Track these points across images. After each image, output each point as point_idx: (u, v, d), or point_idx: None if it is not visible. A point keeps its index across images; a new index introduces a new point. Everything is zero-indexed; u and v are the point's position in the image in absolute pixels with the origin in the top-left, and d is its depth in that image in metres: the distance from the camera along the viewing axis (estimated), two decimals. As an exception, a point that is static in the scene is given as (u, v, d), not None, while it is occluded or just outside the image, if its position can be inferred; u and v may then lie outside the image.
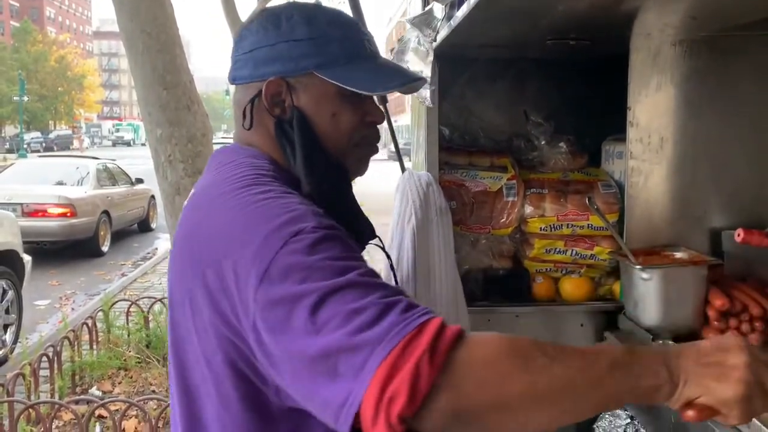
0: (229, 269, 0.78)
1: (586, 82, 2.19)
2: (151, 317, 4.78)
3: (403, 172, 2.01)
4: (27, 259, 5.45)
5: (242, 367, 0.82)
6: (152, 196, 11.20)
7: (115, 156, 17.28)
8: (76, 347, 4.22)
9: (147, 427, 2.91)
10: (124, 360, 4.50)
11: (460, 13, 1.52)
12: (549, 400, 0.69)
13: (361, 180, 1.13)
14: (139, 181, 10.89)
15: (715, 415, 0.74)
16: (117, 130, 69.20)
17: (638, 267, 1.71)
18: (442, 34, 1.76)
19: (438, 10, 1.77)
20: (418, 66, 1.87)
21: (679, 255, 1.78)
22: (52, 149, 39.83)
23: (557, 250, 2.04)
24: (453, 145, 2.19)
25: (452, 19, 1.61)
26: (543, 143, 2.11)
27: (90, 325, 4.48)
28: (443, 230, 1.86)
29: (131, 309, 4.82)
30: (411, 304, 0.72)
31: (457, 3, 1.55)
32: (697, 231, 1.86)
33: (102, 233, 9.26)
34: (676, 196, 1.86)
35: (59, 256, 8.64)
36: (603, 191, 2.03)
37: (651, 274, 1.69)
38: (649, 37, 1.79)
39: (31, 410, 3.14)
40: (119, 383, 4.25)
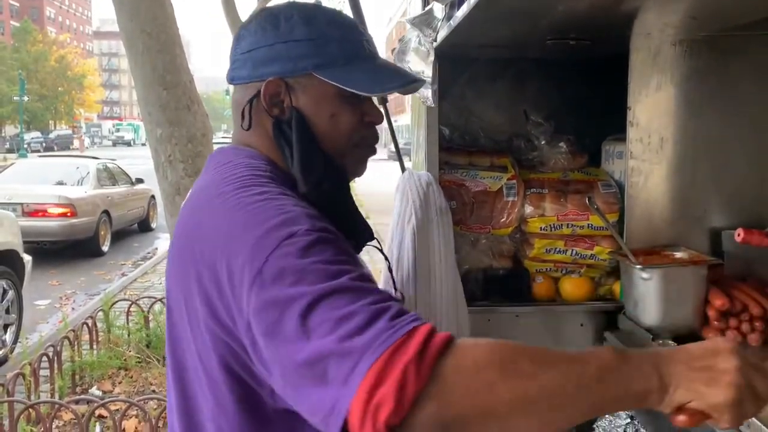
0: (223, 270, 0.79)
1: (586, 82, 2.19)
2: (151, 317, 4.78)
3: (403, 171, 2.01)
4: (27, 258, 5.45)
5: (237, 369, 0.82)
6: (152, 196, 11.22)
7: (115, 156, 17.26)
8: (76, 347, 4.22)
9: (147, 426, 2.91)
10: (125, 360, 4.51)
11: (460, 13, 1.51)
12: (538, 408, 0.68)
13: (361, 180, 1.13)
14: (140, 180, 10.90)
15: (706, 419, 0.73)
16: (117, 130, 69.27)
17: (638, 267, 1.70)
18: (442, 33, 1.76)
19: (438, 10, 1.77)
20: (419, 66, 1.86)
21: (679, 255, 1.78)
22: (52, 149, 39.84)
23: (557, 249, 2.04)
24: (453, 144, 2.19)
25: (452, 19, 1.61)
26: (543, 143, 2.11)
27: (90, 324, 4.48)
28: (443, 230, 1.86)
29: (131, 309, 4.83)
30: (401, 311, 0.71)
31: (457, 3, 1.55)
32: (697, 231, 1.86)
33: (102, 233, 9.27)
34: (676, 196, 1.86)
35: (59, 255, 8.65)
36: (603, 191, 2.03)
37: (651, 273, 1.69)
38: (649, 37, 1.79)
39: (31, 410, 3.14)
40: (119, 383, 4.25)
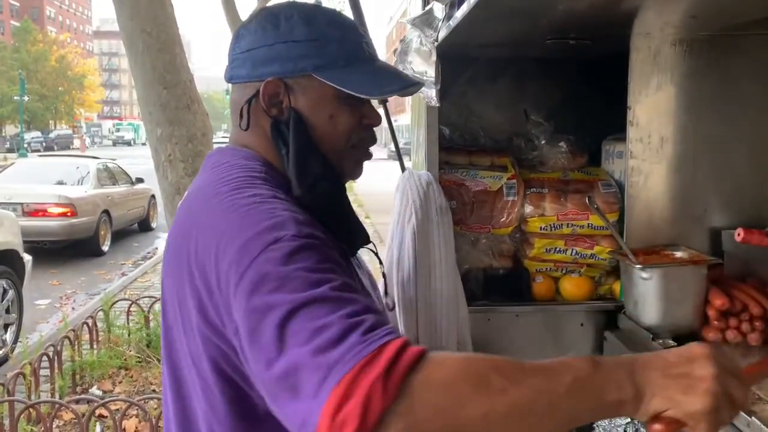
0: (212, 271, 0.79)
1: (586, 82, 2.19)
2: (151, 316, 4.78)
3: (403, 171, 2.01)
4: (27, 258, 5.45)
5: (228, 371, 0.82)
6: (152, 196, 11.21)
7: (115, 155, 17.28)
8: (76, 347, 4.22)
9: (147, 426, 2.91)
10: (125, 359, 4.51)
11: (459, 13, 1.51)
12: (508, 423, 0.67)
13: (361, 180, 1.13)
14: (140, 180, 10.90)
15: (682, 427, 0.72)
16: (117, 130, 69.37)
17: (638, 266, 1.70)
18: (442, 33, 1.76)
19: (438, 9, 1.77)
20: (421, 67, 1.86)
21: (679, 254, 1.78)
22: (52, 149, 39.82)
23: (557, 249, 2.04)
24: (453, 144, 2.19)
25: (452, 19, 1.61)
26: (543, 143, 2.12)
27: (90, 324, 4.48)
28: (443, 230, 1.86)
29: (132, 308, 4.83)
30: (377, 324, 0.70)
31: (457, 2, 1.55)
32: (697, 230, 1.86)
33: (102, 233, 9.27)
34: (676, 196, 1.86)
35: (60, 255, 8.65)
36: (603, 191, 2.03)
37: (651, 273, 1.69)
38: (649, 37, 1.79)
39: (31, 410, 3.14)
40: (120, 383, 4.25)
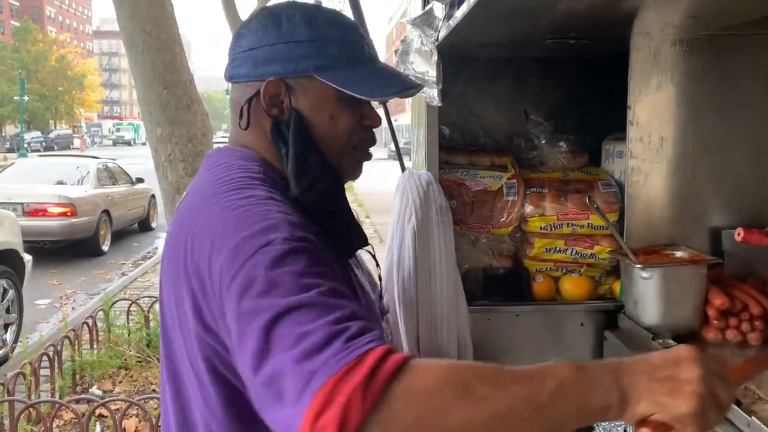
0: (206, 272, 0.79)
1: (586, 82, 2.19)
2: (151, 316, 4.78)
3: (403, 171, 2.01)
4: (27, 258, 5.45)
5: (222, 370, 0.82)
6: (152, 196, 11.20)
7: (115, 155, 17.29)
8: (76, 346, 4.22)
9: (147, 426, 2.91)
10: (125, 359, 4.51)
11: (459, 13, 1.51)
12: (490, 431, 0.66)
13: (361, 180, 1.13)
14: (140, 180, 10.89)
15: (669, 430, 0.72)
16: (117, 130, 69.41)
17: (638, 266, 1.70)
18: (442, 33, 1.76)
19: (438, 9, 1.77)
20: (423, 67, 1.85)
21: (679, 254, 1.78)
22: (52, 149, 39.81)
23: (557, 249, 2.04)
24: (453, 144, 2.19)
25: (452, 19, 1.61)
26: (543, 142, 2.12)
27: (90, 324, 4.48)
28: (443, 229, 1.86)
29: (132, 308, 4.83)
30: (361, 331, 0.69)
31: (457, 2, 1.55)
32: (697, 230, 1.86)
33: (102, 232, 9.26)
34: (676, 195, 1.86)
35: (60, 255, 8.64)
36: (603, 190, 2.03)
37: (651, 273, 1.69)
38: (649, 36, 1.79)
39: (31, 409, 3.14)
40: (120, 382, 4.25)
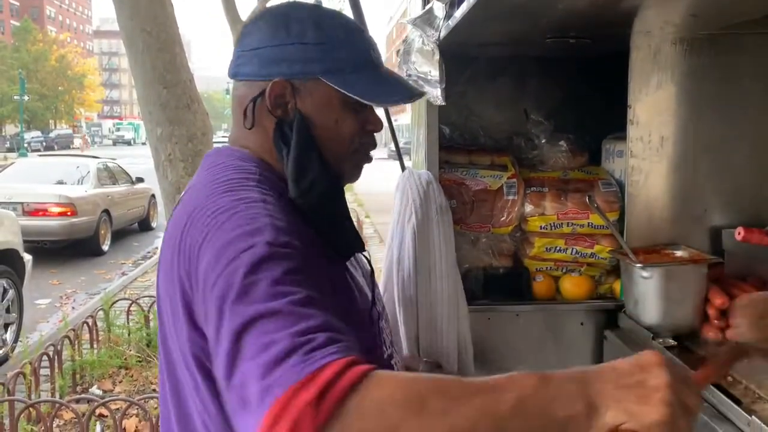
0: (194, 272, 0.80)
1: (586, 81, 2.18)
2: (151, 316, 4.78)
3: (404, 170, 2.01)
4: (27, 258, 5.45)
5: (211, 369, 0.81)
6: (153, 195, 11.20)
7: (115, 155, 17.31)
8: (76, 346, 4.22)
9: (147, 425, 2.91)
10: (125, 359, 4.51)
11: (459, 12, 1.51)
12: None
13: (361, 180, 1.13)
14: (140, 180, 10.89)
15: None
16: (117, 129, 69.39)
17: (638, 265, 1.70)
18: (442, 32, 1.76)
19: (438, 9, 1.76)
20: (424, 67, 1.85)
21: (679, 253, 1.78)
22: (52, 148, 39.79)
23: (557, 248, 2.03)
24: (453, 143, 2.19)
25: (452, 18, 1.61)
26: (543, 142, 2.11)
27: (90, 324, 4.48)
28: (443, 229, 1.86)
29: (132, 308, 4.83)
30: (324, 343, 0.67)
31: (457, 2, 1.55)
32: (698, 229, 1.86)
33: (102, 232, 9.27)
34: (676, 195, 1.86)
35: (60, 255, 8.64)
36: (603, 190, 2.03)
37: (651, 272, 1.69)
38: (650, 35, 1.79)
39: (31, 409, 3.14)
40: (120, 382, 4.25)
